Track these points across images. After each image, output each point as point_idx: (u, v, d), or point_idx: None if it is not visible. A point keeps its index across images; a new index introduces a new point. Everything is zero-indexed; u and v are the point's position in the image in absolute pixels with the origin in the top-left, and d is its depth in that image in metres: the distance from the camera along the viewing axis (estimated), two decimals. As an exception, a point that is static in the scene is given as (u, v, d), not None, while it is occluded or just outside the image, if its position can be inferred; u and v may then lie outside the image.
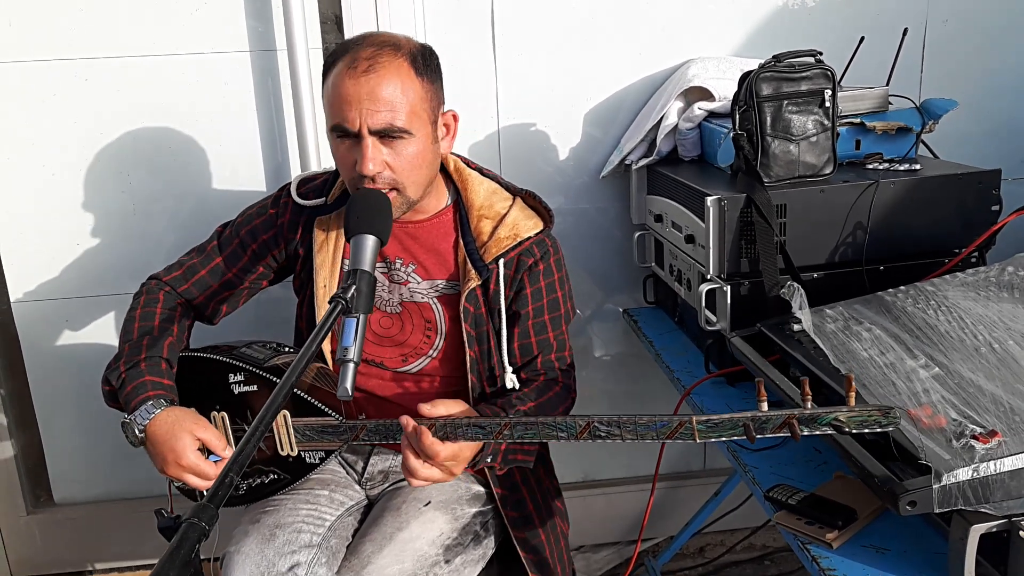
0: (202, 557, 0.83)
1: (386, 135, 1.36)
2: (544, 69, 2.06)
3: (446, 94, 1.48)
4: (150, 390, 1.42)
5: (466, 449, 1.31)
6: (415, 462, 1.28)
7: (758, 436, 1.11)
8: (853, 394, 1.07)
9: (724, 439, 1.14)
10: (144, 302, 1.58)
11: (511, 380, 1.50)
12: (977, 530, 1.01)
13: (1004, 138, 2.19)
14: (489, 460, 1.38)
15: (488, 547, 1.55)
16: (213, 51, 1.98)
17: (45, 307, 2.10)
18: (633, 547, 2.33)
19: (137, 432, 1.40)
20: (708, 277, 1.65)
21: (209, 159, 2.05)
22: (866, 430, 1.07)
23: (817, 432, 1.09)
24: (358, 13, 1.97)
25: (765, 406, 1.12)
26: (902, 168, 1.69)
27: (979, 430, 1.04)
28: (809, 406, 1.10)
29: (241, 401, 1.50)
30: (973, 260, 1.59)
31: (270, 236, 1.59)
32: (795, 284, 1.39)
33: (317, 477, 1.57)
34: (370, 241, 1.28)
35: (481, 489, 1.57)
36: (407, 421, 1.28)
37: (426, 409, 1.29)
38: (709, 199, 1.59)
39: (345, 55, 1.37)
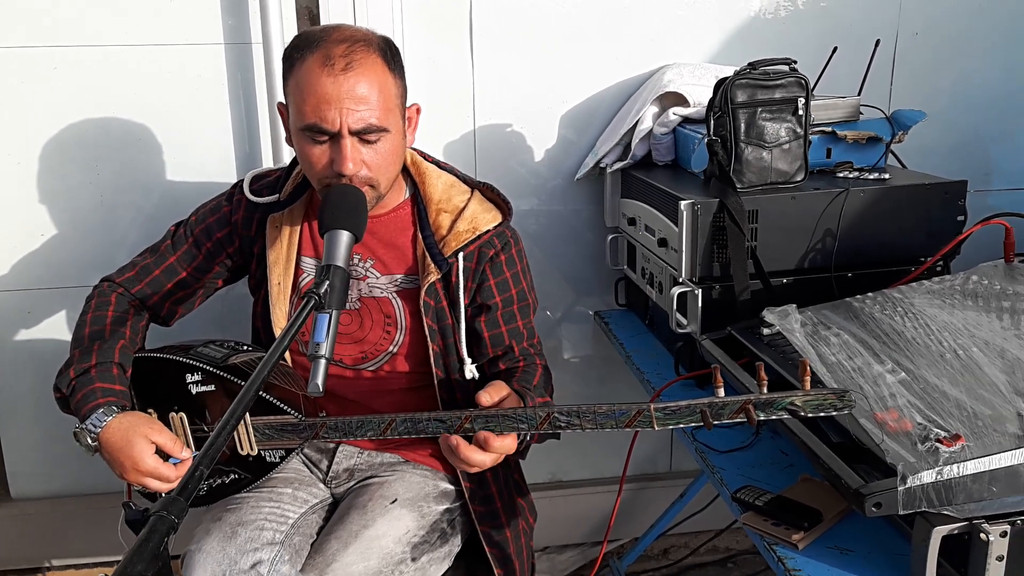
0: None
1: (364, 134, 1.35)
2: (521, 70, 2.06)
3: (422, 90, 1.48)
4: (100, 397, 1.38)
5: (511, 441, 1.28)
6: (481, 456, 1.27)
7: (715, 422, 1.12)
8: (808, 378, 1.09)
9: (682, 426, 1.16)
10: (95, 305, 1.54)
11: (470, 371, 1.50)
12: (939, 532, 1.03)
13: (970, 150, 2.23)
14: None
15: (455, 545, 1.54)
16: (187, 43, 1.95)
17: (6, 298, 2.06)
18: (598, 548, 2.33)
19: (90, 441, 1.36)
20: (680, 280, 1.66)
21: (180, 152, 2.02)
22: (821, 413, 1.09)
23: (773, 416, 1.11)
24: (335, 8, 1.96)
25: (721, 392, 1.13)
26: (871, 177, 1.72)
27: (943, 434, 1.06)
28: (765, 391, 1.11)
29: (199, 401, 1.48)
30: (939, 269, 1.62)
31: (224, 234, 1.57)
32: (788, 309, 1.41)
33: (280, 476, 1.55)
34: (344, 237, 1.27)
35: (449, 486, 1.57)
36: (457, 443, 1.26)
37: (486, 399, 1.28)
38: (683, 203, 1.60)
39: (314, 50, 1.33)
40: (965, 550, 1.04)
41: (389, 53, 1.39)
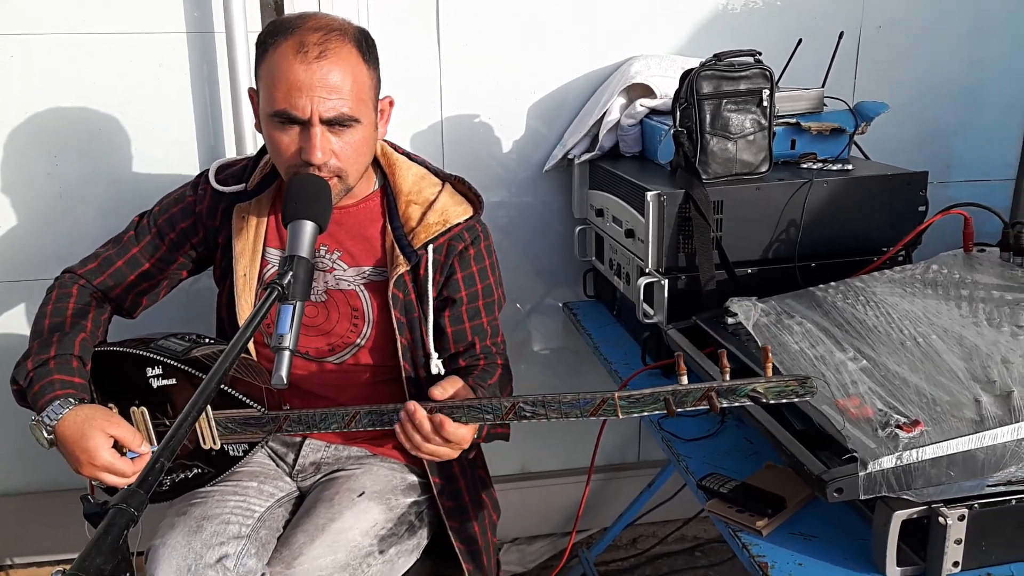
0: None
1: (335, 123, 1.33)
2: (489, 61, 2.05)
3: (389, 80, 1.47)
4: (58, 389, 1.35)
5: (468, 433, 1.29)
6: (431, 446, 1.27)
7: (678, 410, 1.13)
8: (770, 365, 1.10)
9: (646, 414, 1.16)
10: (56, 296, 1.52)
11: (436, 366, 1.49)
12: (899, 516, 1.05)
13: (932, 142, 2.27)
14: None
15: (423, 537, 1.54)
16: (149, 31, 1.92)
17: (-36, 291, 2.02)
18: (567, 539, 2.35)
19: (45, 434, 1.33)
20: (646, 271, 1.67)
21: (141, 143, 1.99)
22: (784, 400, 1.10)
23: (736, 403, 1.12)
24: (300, -2, 1.94)
25: (685, 380, 1.14)
26: (835, 168, 1.74)
27: (903, 420, 1.08)
28: (727, 378, 1.12)
29: (161, 395, 1.46)
30: (900, 258, 1.65)
31: (188, 224, 1.55)
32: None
33: (246, 469, 1.54)
34: (308, 227, 1.26)
35: (416, 479, 1.56)
36: (416, 408, 1.26)
37: (438, 393, 1.27)
38: (649, 194, 1.61)
39: (288, 36, 1.32)
40: (924, 533, 1.07)
41: (365, 44, 1.38)
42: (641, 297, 1.67)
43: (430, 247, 1.46)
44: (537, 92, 2.10)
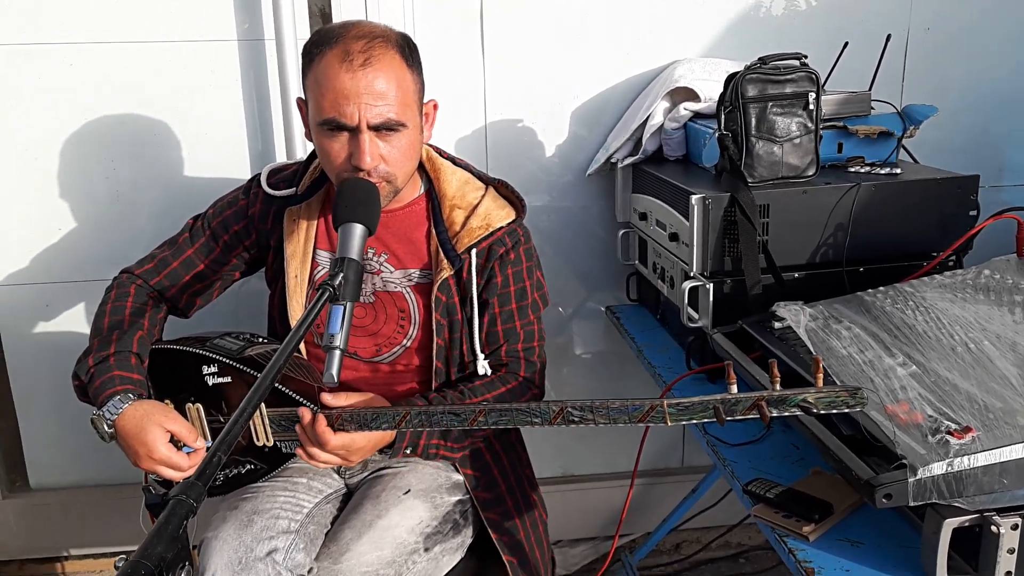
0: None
1: (383, 129, 1.36)
2: (532, 66, 2.07)
3: (434, 86, 1.49)
4: (118, 384, 1.40)
5: (359, 439, 1.37)
6: (312, 448, 1.38)
7: (728, 419, 1.13)
8: (820, 375, 1.10)
9: (695, 422, 1.16)
10: (115, 296, 1.57)
11: (483, 367, 1.52)
12: (950, 524, 1.03)
13: (983, 145, 2.22)
14: (409, 452, 1.44)
15: (467, 536, 1.55)
16: (201, 39, 1.97)
17: (25, 292, 2.09)
18: (610, 543, 2.35)
19: (106, 427, 1.38)
20: (691, 275, 1.67)
21: (194, 148, 2.05)
22: (834, 411, 1.09)
23: (786, 413, 1.11)
24: (348, 6, 1.98)
25: (735, 389, 1.14)
26: (883, 172, 1.72)
27: (954, 426, 1.07)
28: (777, 388, 1.12)
29: (215, 393, 1.49)
30: (950, 263, 1.62)
31: (241, 227, 1.59)
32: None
33: (296, 466, 1.57)
34: (358, 230, 1.28)
35: (460, 478, 1.58)
36: (304, 412, 1.37)
37: (328, 399, 1.38)
38: (694, 198, 1.61)
39: (333, 45, 1.35)
40: (976, 542, 1.05)
41: (407, 49, 1.40)
42: (686, 301, 1.67)
43: (473, 251, 1.48)
44: (580, 97, 2.11)
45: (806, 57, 1.65)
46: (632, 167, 2.05)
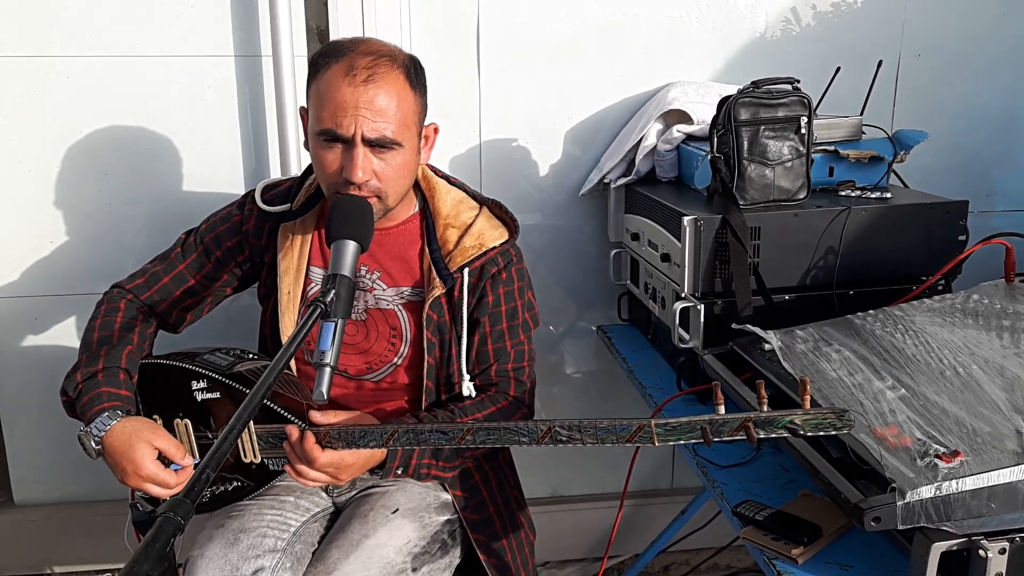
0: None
1: (377, 145, 1.37)
2: (527, 87, 2.08)
3: (430, 104, 1.50)
4: (106, 401, 1.39)
5: (348, 457, 1.36)
6: (300, 466, 1.36)
7: (715, 439, 1.13)
8: (808, 397, 1.10)
9: (682, 442, 1.17)
10: (105, 311, 1.56)
11: (468, 388, 1.51)
12: (938, 548, 1.03)
13: (972, 171, 2.25)
14: (400, 471, 1.43)
15: (455, 556, 1.55)
16: (198, 54, 1.98)
17: (13, 304, 2.08)
18: (599, 564, 2.33)
19: (93, 444, 1.37)
20: (682, 296, 1.67)
21: (189, 163, 2.05)
22: (821, 432, 1.10)
23: (773, 435, 1.12)
24: (344, 23, 1.98)
25: (722, 409, 1.14)
26: (873, 196, 1.73)
27: (942, 450, 1.07)
28: (765, 409, 1.12)
29: (204, 408, 1.49)
30: (940, 287, 1.63)
31: (234, 243, 1.59)
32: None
33: (283, 484, 1.56)
34: (351, 246, 1.29)
35: (449, 498, 1.57)
36: (292, 430, 1.36)
37: (317, 416, 1.37)
38: (686, 219, 1.62)
39: (339, 59, 1.36)
40: (964, 566, 1.05)
41: (413, 71, 1.41)
42: (677, 321, 1.67)
43: (465, 271, 1.49)
44: (574, 118, 2.12)
45: (799, 81, 1.67)
46: (625, 187, 2.06)
